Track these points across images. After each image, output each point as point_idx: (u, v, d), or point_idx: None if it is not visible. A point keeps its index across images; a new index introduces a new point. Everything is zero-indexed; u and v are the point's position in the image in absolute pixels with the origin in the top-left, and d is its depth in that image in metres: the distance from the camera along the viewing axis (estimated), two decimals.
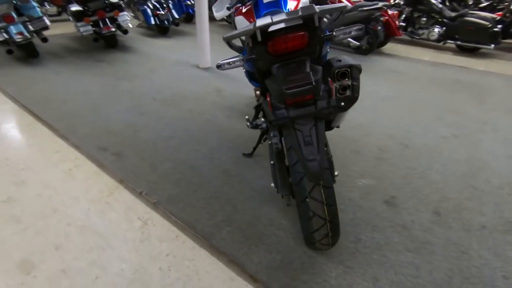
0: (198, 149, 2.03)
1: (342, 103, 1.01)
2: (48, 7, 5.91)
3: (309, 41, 0.82)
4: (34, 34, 3.58)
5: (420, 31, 5.39)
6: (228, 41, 0.89)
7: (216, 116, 2.51)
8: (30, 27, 3.45)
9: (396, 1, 5.75)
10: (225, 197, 1.61)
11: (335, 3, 5.00)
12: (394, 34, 4.82)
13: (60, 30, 5.24)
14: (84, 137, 2.11)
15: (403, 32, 5.54)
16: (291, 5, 1.55)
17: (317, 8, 0.75)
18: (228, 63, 0.89)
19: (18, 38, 3.33)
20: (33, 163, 1.84)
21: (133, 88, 3.06)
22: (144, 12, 5.05)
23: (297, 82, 0.74)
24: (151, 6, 5.13)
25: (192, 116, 2.49)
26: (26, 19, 3.39)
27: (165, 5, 5.26)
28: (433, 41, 5.18)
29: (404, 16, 5.58)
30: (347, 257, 1.29)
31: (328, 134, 2.22)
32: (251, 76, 1.52)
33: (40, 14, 3.53)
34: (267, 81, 0.82)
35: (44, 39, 3.68)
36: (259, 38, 0.78)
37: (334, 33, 0.84)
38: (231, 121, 2.43)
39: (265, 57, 0.84)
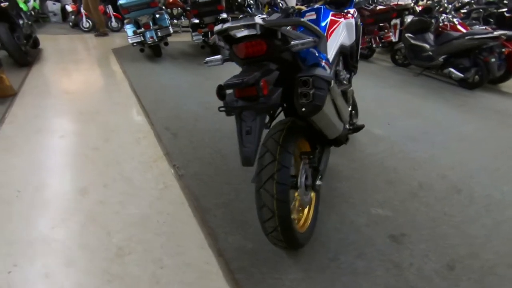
0: (236, 144, 2.28)
1: (303, 109, 1.07)
2: (183, 20, 7.40)
3: (268, 49, 0.95)
4: (161, 39, 4.63)
5: None
6: (214, 44, 1.11)
7: None
8: (159, 33, 4.49)
9: None
10: (235, 186, 1.80)
11: None
12: None
13: (184, 38, 6.51)
14: (160, 118, 2.68)
15: None
16: (330, 26, 1.65)
17: (263, 20, 0.88)
18: (211, 61, 1.11)
19: (149, 40, 4.41)
20: (120, 128, 2.48)
21: (213, 87, 3.58)
22: None
23: (237, 78, 0.90)
24: None
25: None
26: (157, 27, 4.45)
27: None
28: None
29: None
30: (314, 268, 1.29)
31: (364, 157, 2.14)
32: None
33: (168, 24, 4.56)
34: None
35: (166, 43, 4.74)
36: (217, 42, 0.98)
37: (292, 43, 0.94)
38: None
39: (236, 59, 1.02)
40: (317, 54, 1.10)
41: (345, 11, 1.80)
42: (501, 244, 1.45)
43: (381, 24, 5.39)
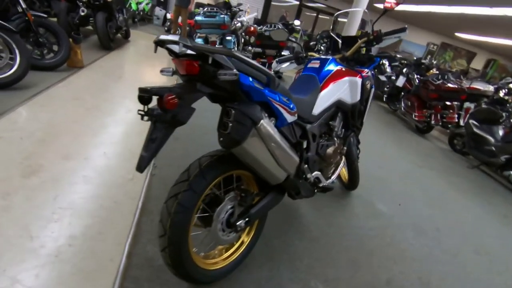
0: None
1: (221, 138, 1.04)
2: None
3: (200, 71, 0.96)
4: None
5: None
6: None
7: None
8: None
9: None
10: None
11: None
12: None
13: None
14: None
15: None
16: (331, 78, 1.61)
17: (190, 42, 0.90)
18: (164, 71, 1.15)
19: None
20: (136, 118, 2.71)
21: None
22: None
23: (152, 86, 0.92)
24: None
25: None
26: (222, 46, 4.87)
27: None
28: None
29: None
30: None
31: (346, 226, 1.93)
32: None
33: (231, 47, 4.97)
34: None
35: None
36: (155, 51, 1.02)
37: (219, 72, 0.93)
38: None
39: (177, 73, 1.05)
40: (266, 93, 1.08)
41: (356, 69, 1.74)
42: None
43: (447, 103, 4.97)
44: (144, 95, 0.94)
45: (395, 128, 5.25)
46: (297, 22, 6.54)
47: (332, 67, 1.64)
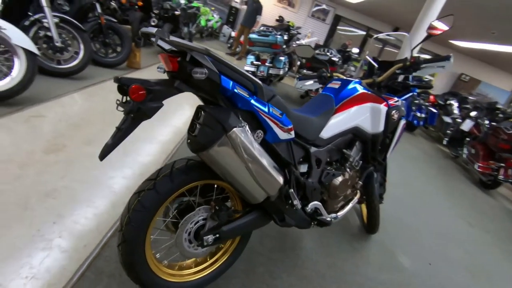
0: None
1: (188, 141, 0.96)
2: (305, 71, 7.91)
3: (179, 68, 0.91)
4: (270, 76, 5.10)
5: None
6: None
7: None
8: (270, 71, 4.97)
9: None
10: None
11: None
12: None
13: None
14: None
15: None
16: (351, 101, 1.46)
17: (168, 36, 0.86)
18: (158, 67, 1.14)
19: (260, 74, 4.93)
20: (165, 120, 2.85)
21: None
22: None
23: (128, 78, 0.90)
24: None
25: None
26: (271, 65, 4.93)
27: None
28: None
29: None
30: None
31: (351, 273, 1.74)
32: None
33: (281, 67, 4.99)
34: None
35: (271, 81, 5.16)
36: (142, 44, 1.01)
37: (193, 70, 0.86)
38: None
39: (165, 70, 1.03)
40: (252, 102, 0.99)
41: (384, 96, 1.54)
42: None
43: None
44: (120, 85, 0.94)
45: (451, 176, 4.58)
46: (355, 50, 6.35)
47: (353, 90, 1.49)
